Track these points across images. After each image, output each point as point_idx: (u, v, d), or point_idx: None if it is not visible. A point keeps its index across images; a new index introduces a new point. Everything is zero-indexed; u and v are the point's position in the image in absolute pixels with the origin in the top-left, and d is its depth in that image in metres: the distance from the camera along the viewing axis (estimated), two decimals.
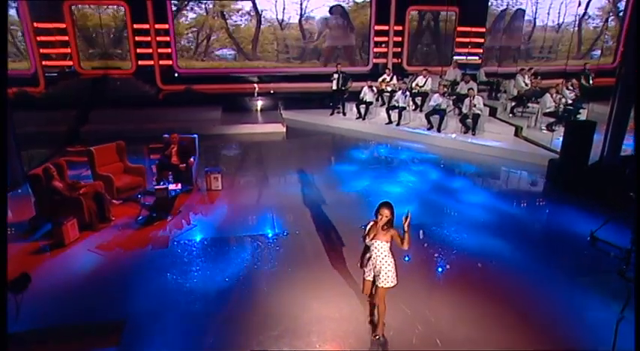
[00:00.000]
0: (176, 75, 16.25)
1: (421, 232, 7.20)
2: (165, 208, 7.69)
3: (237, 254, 6.62)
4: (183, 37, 16.23)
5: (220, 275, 6.08)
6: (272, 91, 16.13)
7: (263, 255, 6.57)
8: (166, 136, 9.01)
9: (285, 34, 16.77)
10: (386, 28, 17.24)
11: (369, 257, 4.64)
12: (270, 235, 7.13)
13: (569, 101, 12.85)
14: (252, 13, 16.38)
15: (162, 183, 7.83)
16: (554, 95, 12.50)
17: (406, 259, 5.87)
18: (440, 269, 6.28)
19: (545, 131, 12.36)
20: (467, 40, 17.65)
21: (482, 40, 17.78)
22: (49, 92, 15.01)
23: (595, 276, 6.07)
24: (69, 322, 5.17)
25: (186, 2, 15.85)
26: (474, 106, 12.01)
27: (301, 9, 16.65)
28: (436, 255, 6.55)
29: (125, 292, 5.67)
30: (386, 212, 4.48)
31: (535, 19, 18.39)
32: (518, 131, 12.27)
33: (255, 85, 16.45)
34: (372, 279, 4.75)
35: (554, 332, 4.99)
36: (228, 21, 16.33)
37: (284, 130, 13.48)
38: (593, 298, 5.58)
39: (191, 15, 16.12)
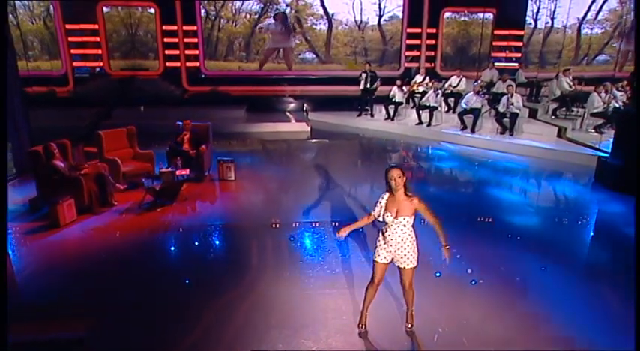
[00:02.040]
0: (202, 76, 16.07)
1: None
2: (171, 194, 7.17)
3: (238, 244, 6.02)
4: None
5: (216, 264, 5.47)
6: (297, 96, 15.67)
7: (266, 247, 5.92)
8: (179, 123, 8.58)
9: (367, 36, 16.43)
10: (419, 31, 16.59)
11: (388, 238, 3.89)
12: (277, 228, 6.47)
13: (620, 103, 11.70)
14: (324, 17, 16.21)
15: (170, 168, 7.35)
16: (602, 95, 11.44)
17: (437, 274, 5.05)
18: (474, 268, 5.43)
19: (592, 133, 11.29)
20: (504, 43, 16.77)
21: (520, 44, 16.84)
22: (77, 91, 15.08)
23: None
24: (41, 302, 4.66)
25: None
26: (512, 104, 11.09)
27: (380, 10, 16.28)
28: (472, 253, 5.70)
29: (109, 277, 5.15)
30: (397, 172, 3.75)
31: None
32: (561, 132, 11.25)
33: (282, 87, 16.03)
34: (388, 262, 3.99)
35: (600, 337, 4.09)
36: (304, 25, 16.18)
37: (308, 129, 12.91)
38: None
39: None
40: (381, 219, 3.88)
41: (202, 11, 15.83)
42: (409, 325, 4.22)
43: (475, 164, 10.00)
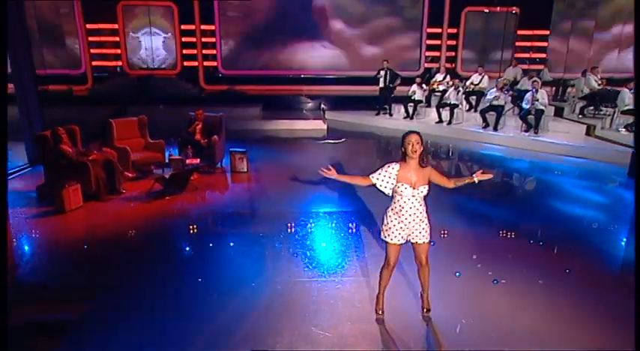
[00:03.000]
0: (220, 75, 15.98)
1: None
2: (180, 183, 6.93)
3: (246, 232, 5.71)
4: None
5: (221, 251, 5.18)
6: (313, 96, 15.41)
7: (276, 235, 5.59)
8: (192, 113, 8.38)
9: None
10: (439, 30, 16.24)
11: (404, 214, 3.53)
12: (287, 217, 6.15)
13: None
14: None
15: (180, 156, 7.13)
16: (632, 91, 10.88)
17: (457, 274, 4.63)
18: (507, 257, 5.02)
19: (623, 132, 10.71)
20: (529, 44, 16.29)
21: (545, 44, 16.32)
22: (95, 89, 15.12)
23: None
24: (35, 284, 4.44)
25: None
26: (537, 100, 10.61)
27: None
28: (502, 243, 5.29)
29: (112, 263, 4.90)
30: (416, 137, 3.43)
31: None
32: (590, 130, 10.72)
33: (298, 87, 15.81)
34: (403, 242, 3.64)
35: None
36: None
37: (325, 127, 12.61)
38: None
39: None
40: (387, 191, 3.53)
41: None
42: (425, 310, 3.88)
43: (502, 163, 9.55)
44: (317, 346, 3.52)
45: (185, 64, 15.89)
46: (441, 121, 12.13)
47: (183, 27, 15.65)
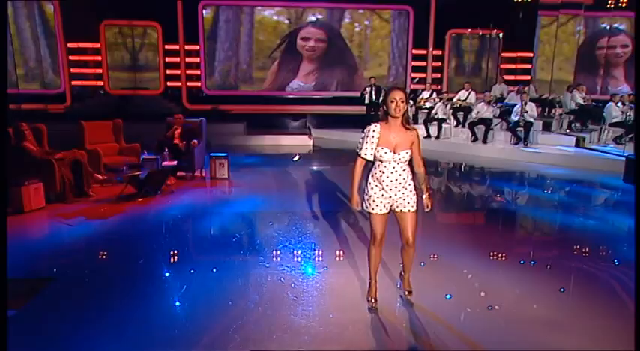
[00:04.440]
0: (203, 95, 15.70)
1: None
2: (154, 184, 6.43)
3: (224, 230, 5.23)
4: None
5: (194, 251, 4.68)
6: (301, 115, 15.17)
7: (255, 233, 5.13)
8: (170, 118, 7.98)
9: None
10: (424, 52, 16.31)
11: (385, 181, 3.17)
12: (267, 217, 5.70)
13: None
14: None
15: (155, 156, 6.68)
16: (619, 105, 10.85)
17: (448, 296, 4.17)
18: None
19: (612, 146, 10.58)
20: (513, 66, 16.41)
21: (529, 66, 16.46)
22: (73, 107, 14.68)
23: None
24: None
25: None
26: (526, 112, 10.47)
27: None
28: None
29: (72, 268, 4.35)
30: (400, 94, 3.09)
31: None
32: (580, 142, 10.56)
33: (283, 106, 15.58)
34: (387, 211, 3.27)
35: None
36: None
37: (310, 143, 12.28)
38: None
39: None
40: (370, 157, 3.16)
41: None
42: (406, 292, 3.50)
43: (490, 175, 9.26)
44: (300, 336, 3.02)
45: (168, 83, 15.60)
46: (429, 135, 11.89)
47: (167, 47, 15.44)
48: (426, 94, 13.34)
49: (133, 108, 14.49)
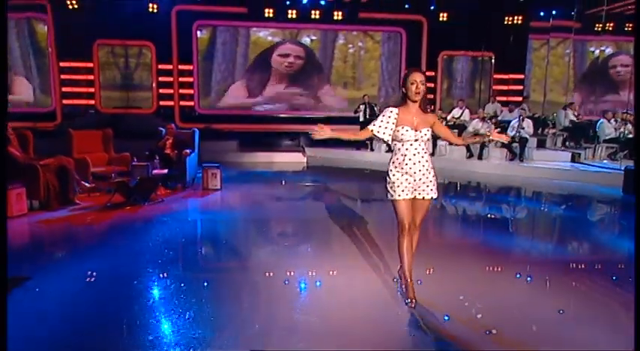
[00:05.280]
0: (196, 114, 15.59)
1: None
2: (144, 192, 6.18)
3: (216, 235, 4.98)
4: None
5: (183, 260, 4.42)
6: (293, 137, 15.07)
7: (247, 240, 4.89)
8: (162, 129, 7.80)
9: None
10: None
11: (408, 163, 3.04)
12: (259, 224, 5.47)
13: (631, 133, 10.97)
14: None
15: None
16: (611, 121, 10.89)
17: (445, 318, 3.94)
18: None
19: (607, 161, 10.54)
20: (505, 87, 16.56)
21: (521, 87, 16.62)
22: (63, 125, 14.45)
23: None
24: None
25: None
26: (523, 128, 10.44)
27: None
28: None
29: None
30: (420, 76, 2.98)
31: None
32: (575, 157, 10.51)
33: (276, 126, 15.50)
34: (412, 196, 3.12)
35: None
36: None
37: (305, 160, 12.12)
38: None
39: None
40: (386, 137, 3.02)
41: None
42: (411, 302, 3.12)
43: (487, 190, 9.12)
44: (300, 333, 2.77)
45: (161, 103, 15.49)
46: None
47: (160, 66, 15.41)
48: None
49: (125, 126, 14.30)
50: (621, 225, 6.43)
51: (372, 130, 3.12)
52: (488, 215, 6.70)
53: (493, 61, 16.48)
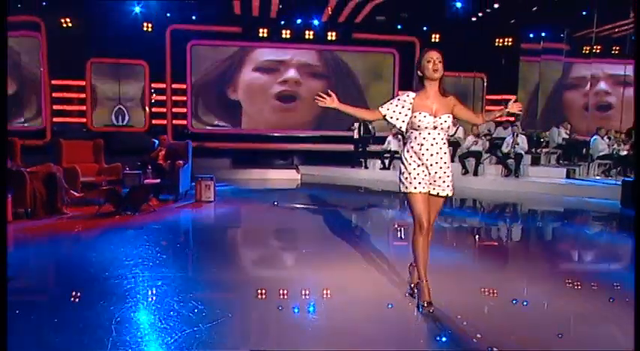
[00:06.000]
0: (189, 133, 15.46)
1: None
2: (135, 201, 5.98)
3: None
4: None
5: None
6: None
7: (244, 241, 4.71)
8: (155, 140, 7.66)
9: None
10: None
11: (424, 153, 2.80)
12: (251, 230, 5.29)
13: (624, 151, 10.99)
14: None
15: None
16: (604, 138, 10.94)
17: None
18: None
19: (600, 178, 10.54)
20: (497, 108, 16.67)
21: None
22: (53, 141, 14.24)
23: None
24: None
25: None
26: (517, 144, 10.44)
27: None
28: None
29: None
30: (437, 54, 2.83)
31: None
32: (570, 173, 10.50)
33: (270, 144, 15.41)
34: (429, 190, 2.86)
35: None
36: None
37: (299, 177, 11.99)
38: None
39: None
40: (399, 123, 2.86)
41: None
42: (427, 305, 2.84)
43: (483, 205, 9.03)
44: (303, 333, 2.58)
45: (153, 121, 15.37)
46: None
47: (153, 85, 15.36)
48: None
49: (116, 145, 14.13)
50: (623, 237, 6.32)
51: (383, 114, 2.87)
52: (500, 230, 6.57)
53: (485, 82, 16.67)
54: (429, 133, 2.79)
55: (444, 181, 2.84)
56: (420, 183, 2.81)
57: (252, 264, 4.19)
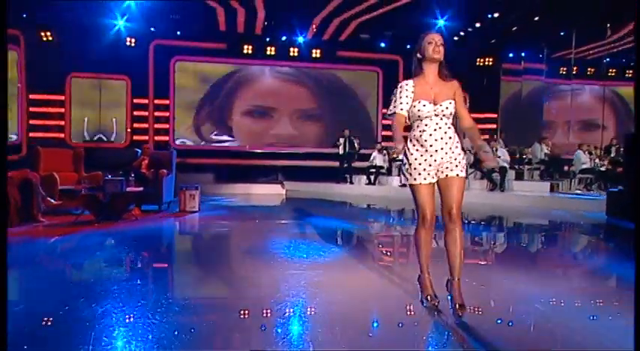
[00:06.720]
0: (171, 149, 15.20)
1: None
2: (115, 209, 5.74)
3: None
4: None
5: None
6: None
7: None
8: (138, 150, 7.44)
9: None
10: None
11: (427, 141, 2.65)
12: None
13: (603, 168, 11.17)
14: None
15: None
16: (586, 153, 11.13)
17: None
18: None
19: (581, 191, 10.66)
20: (480, 126, 16.89)
21: (495, 126, 17.01)
22: (28, 155, 13.81)
23: None
24: None
25: None
26: (499, 157, 10.53)
27: None
28: None
29: None
30: (438, 37, 2.73)
31: None
32: (554, 187, 10.61)
33: (254, 160, 15.25)
34: (434, 180, 2.69)
35: None
36: None
37: (284, 192, 11.82)
38: None
39: None
40: (406, 112, 2.72)
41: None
42: (457, 306, 2.55)
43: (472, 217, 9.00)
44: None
45: (135, 137, 15.07)
46: (404, 185, 11.70)
47: (135, 101, 15.13)
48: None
49: (95, 160, 13.76)
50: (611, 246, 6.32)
51: (403, 114, 2.67)
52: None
53: (467, 101, 16.92)
54: (430, 120, 2.67)
55: (452, 163, 2.66)
56: (420, 174, 2.67)
57: (255, 265, 3.99)
